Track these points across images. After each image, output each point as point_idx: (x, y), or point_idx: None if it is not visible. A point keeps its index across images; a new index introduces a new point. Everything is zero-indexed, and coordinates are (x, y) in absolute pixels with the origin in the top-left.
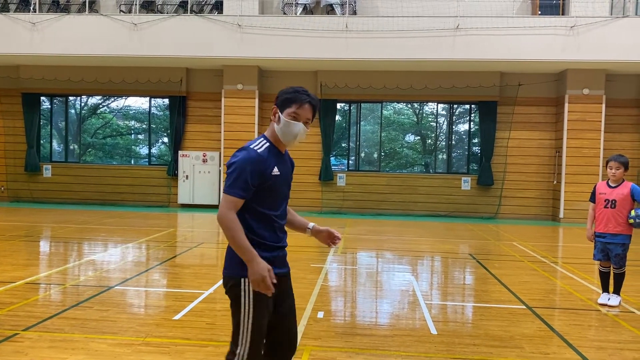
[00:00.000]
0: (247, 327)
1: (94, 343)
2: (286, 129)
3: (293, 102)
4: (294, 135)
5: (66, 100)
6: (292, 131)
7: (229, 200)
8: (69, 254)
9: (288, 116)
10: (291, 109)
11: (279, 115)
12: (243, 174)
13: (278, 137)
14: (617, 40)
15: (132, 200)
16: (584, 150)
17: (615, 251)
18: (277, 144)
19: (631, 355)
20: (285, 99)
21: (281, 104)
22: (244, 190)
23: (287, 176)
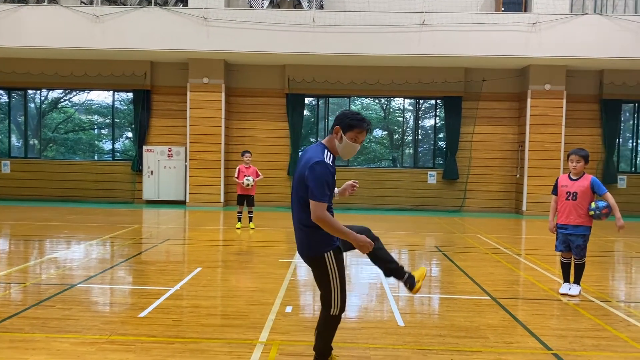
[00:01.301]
0: (337, 286)
1: (55, 342)
2: (347, 149)
3: (356, 127)
4: (352, 154)
5: (25, 94)
6: (352, 151)
7: (321, 205)
8: (30, 252)
9: (350, 139)
10: (353, 133)
11: (342, 135)
12: (326, 184)
13: (337, 150)
14: (577, 37)
15: (95, 197)
16: (546, 145)
17: (576, 242)
18: (334, 153)
19: (590, 342)
20: (350, 124)
21: (346, 127)
22: (327, 196)
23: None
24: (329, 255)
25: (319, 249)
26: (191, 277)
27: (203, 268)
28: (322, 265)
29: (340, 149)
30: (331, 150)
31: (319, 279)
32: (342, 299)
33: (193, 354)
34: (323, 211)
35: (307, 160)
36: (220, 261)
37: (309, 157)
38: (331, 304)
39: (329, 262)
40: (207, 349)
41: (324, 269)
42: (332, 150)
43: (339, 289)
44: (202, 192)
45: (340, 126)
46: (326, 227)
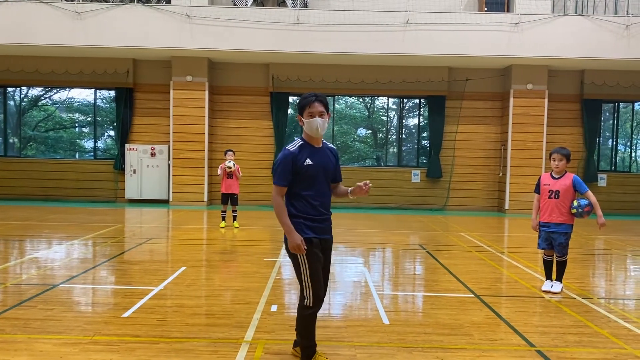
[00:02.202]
0: (307, 277)
1: (38, 343)
2: (309, 127)
3: (305, 105)
4: (315, 128)
5: (4, 92)
6: (315, 127)
7: (276, 188)
8: (10, 251)
9: (307, 117)
10: (306, 111)
11: (302, 119)
12: (284, 169)
13: (309, 135)
14: (558, 37)
15: (77, 196)
16: (528, 144)
17: (559, 240)
18: (311, 141)
19: (572, 339)
20: (300, 106)
21: (300, 110)
22: (285, 180)
23: (325, 164)
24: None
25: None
26: (175, 276)
27: (187, 267)
28: (293, 255)
29: (306, 130)
30: (306, 139)
31: (294, 269)
32: (313, 290)
33: (178, 353)
34: (276, 195)
35: None
36: (205, 260)
37: None
38: (304, 295)
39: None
40: (192, 348)
41: (295, 259)
42: (307, 139)
43: (310, 280)
44: (185, 191)
45: (298, 112)
46: (275, 209)
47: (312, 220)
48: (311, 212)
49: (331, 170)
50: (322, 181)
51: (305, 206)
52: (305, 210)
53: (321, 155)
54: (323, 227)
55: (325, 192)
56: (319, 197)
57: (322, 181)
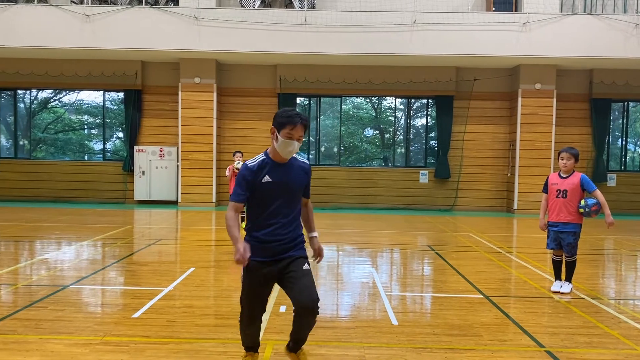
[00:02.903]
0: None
1: (49, 344)
2: (283, 147)
3: (287, 124)
4: (289, 151)
5: (15, 94)
6: (287, 148)
7: (231, 204)
8: (20, 253)
9: (284, 136)
10: (286, 130)
11: (277, 135)
12: (240, 184)
13: (277, 151)
14: (567, 36)
15: (86, 197)
16: (537, 144)
17: (567, 240)
18: (275, 158)
19: (582, 340)
20: (280, 122)
21: (278, 126)
22: (239, 196)
23: (287, 182)
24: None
25: None
26: (184, 277)
27: (196, 268)
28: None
29: (278, 148)
30: (271, 153)
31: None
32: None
33: (187, 354)
34: (230, 209)
35: None
36: (214, 261)
37: None
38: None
39: (243, 271)
40: (202, 349)
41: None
42: (271, 154)
43: (241, 299)
44: (194, 192)
45: (274, 125)
46: (226, 223)
47: (263, 241)
48: (263, 231)
49: (298, 188)
50: (283, 200)
51: (259, 225)
52: (257, 229)
53: (285, 171)
54: (278, 249)
55: (285, 211)
56: (275, 217)
57: (283, 200)
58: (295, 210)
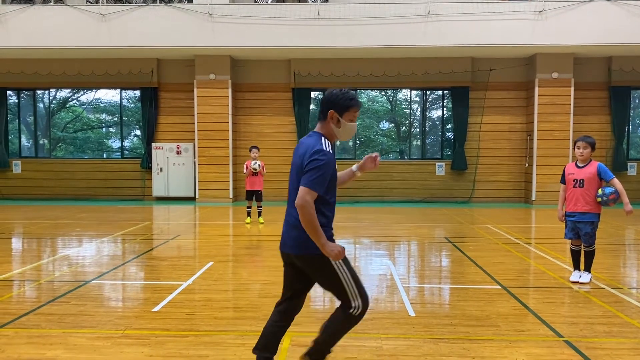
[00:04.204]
0: (349, 279)
1: (72, 337)
2: (349, 130)
3: (352, 107)
4: (352, 134)
5: (34, 94)
6: (351, 132)
7: (311, 194)
8: (43, 250)
9: (348, 119)
10: (350, 113)
11: (339, 118)
12: (325, 174)
13: (335, 135)
14: (584, 24)
15: (105, 195)
16: (555, 133)
17: (585, 230)
18: (331, 140)
19: (602, 329)
20: (344, 105)
21: (341, 109)
22: (324, 186)
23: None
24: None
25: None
26: (203, 271)
27: (214, 262)
28: (323, 262)
29: (339, 133)
30: (328, 137)
31: (325, 280)
32: (359, 291)
33: (207, 346)
34: (310, 200)
35: (305, 150)
36: (231, 255)
37: (306, 147)
38: (351, 302)
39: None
40: (221, 341)
41: (330, 268)
42: (329, 137)
43: (353, 282)
44: (211, 188)
45: (335, 109)
46: (302, 216)
47: (330, 227)
48: (331, 219)
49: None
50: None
51: (332, 213)
52: (331, 218)
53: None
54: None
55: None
56: (333, 198)
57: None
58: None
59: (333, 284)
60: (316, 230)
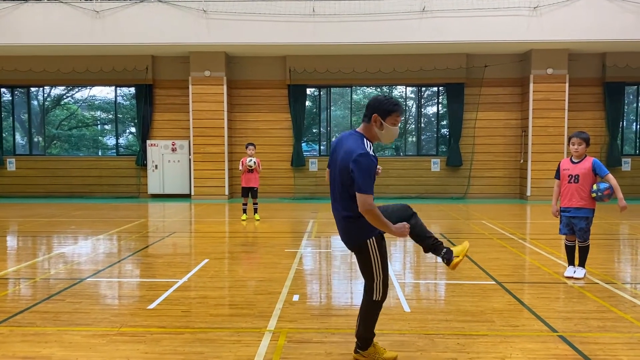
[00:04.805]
0: (380, 272)
1: (67, 335)
2: (392, 134)
3: (394, 112)
4: (394, 137)
5: (28, 92)
6: (394, 135)
7: (369, 197)
8: (38, 247)
9: (392, 123)
10: (392, 117)
11: (382, 122)
12: (371, 175)
13: (377, 137)
14: (579, 20)
15: (100, 192)
16: (549, 129)
17: (579, 225)
18: (373, 141)
19: (596, 324)
20: (388, 109)
21: (384, 113)
22: (372, 187)
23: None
24: (371, 242)
25: (362, 236)
26: (199, 268)
27: (210, 260)
28: (365, 252)
29: (382, 135)
30: (370, 138)
31: (362, 266)
32: (384, 285)
33: (202, 343)
34: (371, 203)
35: (349, 151)
36: (227, 252)
37: (350, 148)
38: (373, 291)
39: (372, 249)
40: (216, 338)
41: (367, 256)
42: (371, 139)
43: (382, 275)
44: (206, 185)
45: (379, 113)
46: (372, 219)
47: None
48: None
49: None
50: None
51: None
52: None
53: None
54: None
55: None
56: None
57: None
58: None
59: (366, 270)
60: (385, 225)
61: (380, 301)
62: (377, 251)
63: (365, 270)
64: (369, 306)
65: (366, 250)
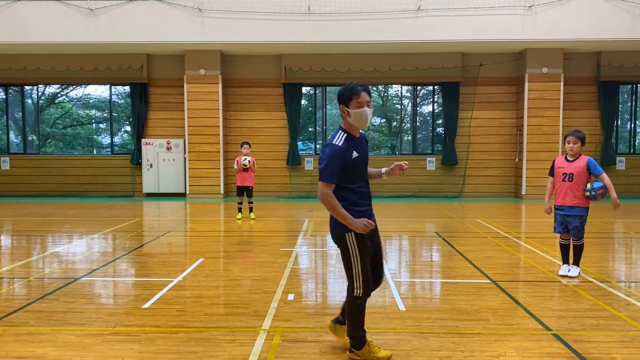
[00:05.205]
0: (358, 267)
1: (61, 335)
2: (359, 117)
3: (352, 95)
4: (364, 120)
5: (22, 90)
6: (363, 117)
7: (326, 185)
8: (32, 247)
9: (355, 107)
10: (354, 101)
11: (347, 110)
12: (332, 165)
13: (353, 126)
14: (574, 19)
15: (95, 191)
16: (544, 128)
17: (574, 223)
18: (352, 132)
19: (589, 322)
20: (345, 97)
21: (345, 101)
22: (335, 177)
23: (365, 154)
24: (350, 237)
25: (340, 229)
26: (193, 267)
27: (205, 259)
28: (344, 246)
29: (354, 122)
30: (348, 129)
31: (343, 260)
32: (364, 281)
33: (197, 342)
34: (327, 192)
35: (326, 145)
36: (222, 251)
37: (327, 142)
38: (354, 286)
39: (350, 243)
40: (211, 337)
41: (346, 251)
42: (348, 130)
43: (360, 271)
44: (202, 184)
45: (342, 103)
46: (328, 208)
47: (360, 212)
48: (359, 203)
49: (368, 158)
50: (364, 171)
51: (353, 198)
52: (354, 202)
53: (361, 144)
54: (371, 218)
55: (367, 181)
56: (364, 187)
57: (364, 171)
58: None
59: (345, 263)
60: (340, 215)
61: (361, 297)
62: (355, 247)
63: (345, 265)
64: (351, 303)
65: (345, 244)
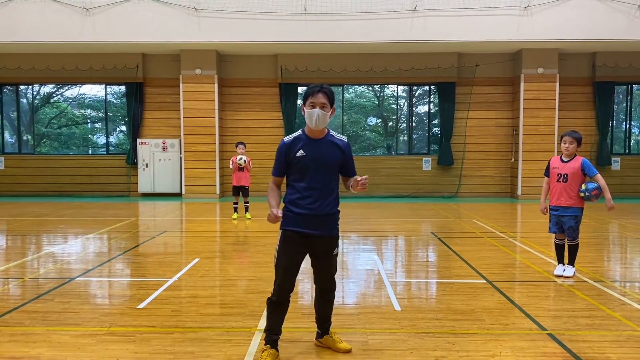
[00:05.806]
0: (275, 265)
1: (56, 335)
2: (308, 117)
3: (309, 96)
4: (313, 119)
5: (17, 89)
6: (312, 117)
7: (272, 178)
8: (27, 247)
9: (307, 107)
10: (308, 101)
11: (303, 108)
12: (275, 159)
13: (309, 126)
14: (569, 20)
15: (90, 191)
16: (540, 128)
17: (568, 224)
18: (310, 134)
19: (584, 322)
20: (304, 97)
21: (303, 101)
22: (277, 170)
23: (322, 157)
24: (280, 233)
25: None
26: (189, 267)
27: (201, 259)
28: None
29: (306, 121)
30: (306, 129)
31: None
32: (276, 281)
33: (192, 342)
34: (270, 183)
35: None
36: (218, 251)
37: None
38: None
39: (279, 239)
40: (207, 337)
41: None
42: (306, 129)
43: (276, 270)
44: (197, 184)
45: (302, 102)
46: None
47: (299, 213)
48: (298, 204)
49: (333, 164)
50: (318, 174)
51: (294, 197)
52: (292, 201)
53: (319, 147)
54: (311, 222)
55: (320, 186)
56: (310, 190)
57: (318, 174)
58: (329, 185)
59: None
60: (269, 205)
61: (271, 297)
62: (279, 244)
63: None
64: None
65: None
